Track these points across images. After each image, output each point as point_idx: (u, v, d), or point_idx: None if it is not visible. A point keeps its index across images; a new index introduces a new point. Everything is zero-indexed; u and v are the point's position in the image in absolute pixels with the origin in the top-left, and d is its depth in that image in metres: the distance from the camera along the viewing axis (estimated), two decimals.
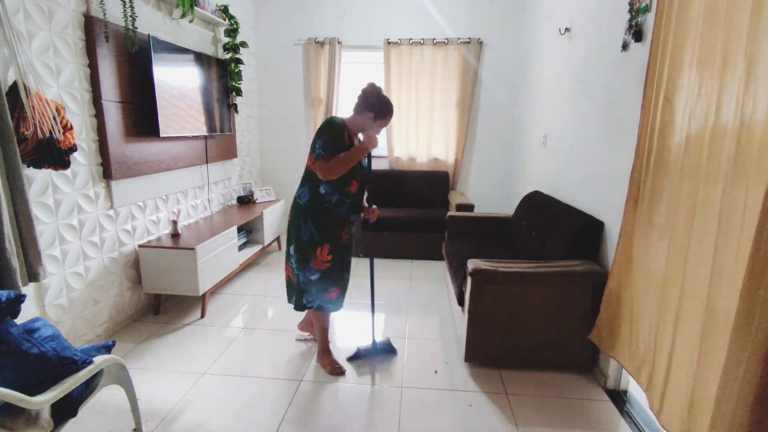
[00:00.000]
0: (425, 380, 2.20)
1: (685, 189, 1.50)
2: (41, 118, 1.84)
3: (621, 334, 1.94)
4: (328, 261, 2.09)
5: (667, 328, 1.57)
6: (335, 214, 2.07)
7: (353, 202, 2.12)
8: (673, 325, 1.54)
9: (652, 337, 1.69)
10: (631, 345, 1.86)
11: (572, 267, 2.16)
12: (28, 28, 1.97)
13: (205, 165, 3.54)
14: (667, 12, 1.64)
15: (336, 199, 2.05)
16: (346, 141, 2.03)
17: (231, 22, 3.72)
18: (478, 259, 2.26)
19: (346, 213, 2.10)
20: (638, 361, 1.80)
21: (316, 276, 2.11)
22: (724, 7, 1.32)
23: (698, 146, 1.43)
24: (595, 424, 1.89)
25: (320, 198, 2.05)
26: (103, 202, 2.46)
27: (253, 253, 3.63)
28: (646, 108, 1.76)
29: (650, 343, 1.71)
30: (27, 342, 1.37)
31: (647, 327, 1.74)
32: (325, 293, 2.17)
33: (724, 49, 1.31)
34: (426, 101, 4.49)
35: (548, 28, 3.47)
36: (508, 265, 2.21)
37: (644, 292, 1.77)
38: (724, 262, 1.28)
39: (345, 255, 2.18)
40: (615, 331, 1.98)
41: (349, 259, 2.24)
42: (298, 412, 1.94)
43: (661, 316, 1.62)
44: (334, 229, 2.09)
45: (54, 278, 2.17)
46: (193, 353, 2.40)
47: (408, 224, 4.05)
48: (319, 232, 2.06)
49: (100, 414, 1.88)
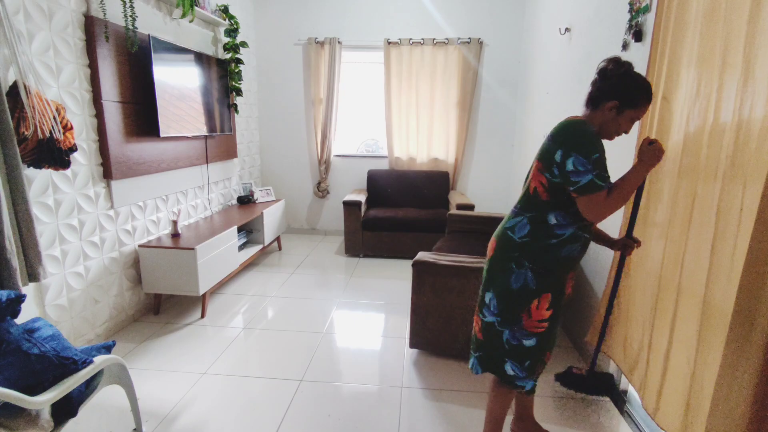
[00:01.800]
0: (425, 380, 2.21)
1: (683, 188, 1.51)
2: (41, 118, 1.85)
3: (616, 334, 1.94)
4: (546, 319, 1.45)
5: (664, 328, 1.58)
6: (563, 254, 1.41)
7: (590, 237, 1.48)
8: (670, 324, 1.54)
9: (647, 337, 1.69)
10: (625, 345, 1.86)
11: None
12: (28, 28, 1.97)
13: (205, 165, 3.55)
14: (666, 12, 1.65)
15: (569, 234, 1.39)
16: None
17: (231, 22, 3.72)
18: (425, 252, 2.37)
19: (578, 252, 1.44)
20: (632, 361, 1.80)
21: (531, 342, 1.46)
22: (723, 8, 1.33)
23: (696, 145, 1.44)
24: (595, 424, 1.89)
25: (546, 231, 1.40)
26: (103, 202, 2.47)
27: (253, 253, 3.63)
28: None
29: (644, 342, 1.71)
30: (27, 342, 1.37)
31: (642, 326, 1.75)
32: (540, 364, 1.52)
33: (723, 50, 1.32)
34: (426, 101, 4.49)
35: (548, 28, 3.47)
36: (451, 258, 2.28)
37: (641, 292, 1.77)
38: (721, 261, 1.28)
39: (561, 311, 1.51)
40: (610, 330, 1.98)
41: (560, 314, 1.52)
42: (298, 412, 1.94)
43: (658, 316, 1.63)
44: (561, 274, 1.44)
45: (54, 278, 2.17)
46: (193, 353, 2.41)
47: (408, 224, 4.05)
48: (538, 279, 1.42)
49: (100, 414, 1.88)
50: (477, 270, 2.20)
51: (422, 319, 2.34)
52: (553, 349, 1.56)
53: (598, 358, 2.08)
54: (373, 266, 3.94)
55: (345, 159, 4.82)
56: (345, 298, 3.20)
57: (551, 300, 1.43)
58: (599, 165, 1.29)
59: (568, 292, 1.50)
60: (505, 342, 1.48)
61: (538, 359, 1.49)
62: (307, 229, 4.99)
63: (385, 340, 2.61)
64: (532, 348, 1.46)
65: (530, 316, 1.43)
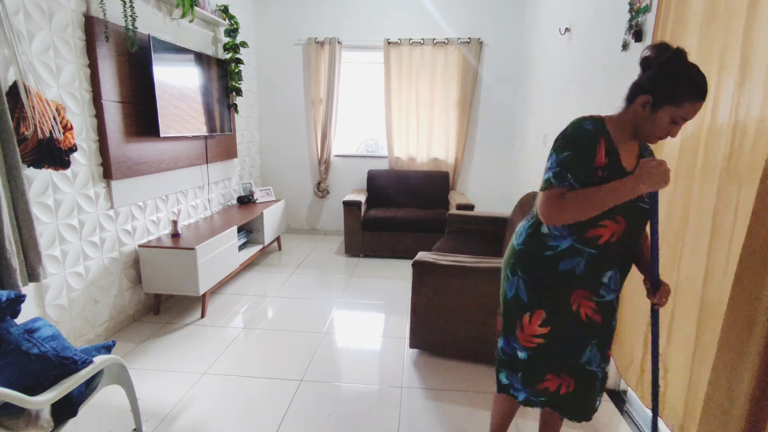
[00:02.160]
0: (425, 380, 2.21)
1: (681, 188, 1.51)
2: (41, 118, 1.85)
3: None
4: (539, 335, 1.32)
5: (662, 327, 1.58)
6: (561, 269, 1.25)
7: (603, 256, 1.23)
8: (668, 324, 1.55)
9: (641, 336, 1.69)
10: (622, 344, 1.86)
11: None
12: (28, 28, 1.97)
13: (205, 165, 3.55)
14: (664, 12, 1.65)
15: (566, 247, 1.24)
16: (602, 159, 1.15)
17: (231, 22, 3.72)
18: (426, 252, 2.37)
19: (585, 270, 1.24)
20: (627, 360, 1.80)
21: (523, 354, 1.36)
22: (722, 8, 1.33)
23: (694, 145, 1.44)
24: (595, 424, 1.89)
25: (540, 241, 1.29)
26: (103, 202, 2.47)
27: (253, 253, 3.63)
28: None
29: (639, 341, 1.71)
30: (27, 342, 1.37)
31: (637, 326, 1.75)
32: (538, 381, 1.37)
33: (722, 50, 1.32)
34: (426, 101, 4.49)
35: (548, 28, 3.47)
36: (449, 258, 2.28)
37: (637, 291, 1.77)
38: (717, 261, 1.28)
39: (575, 332, 1.30)
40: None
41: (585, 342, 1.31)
42: (298, 412, 1.94)
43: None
44: (558, 291, 1.28)
45: (54, 278, 2.17)
46: (193, 353, 2.41)
47: (408, 224, 4.05)
48: (529, 291, 1.31)
49: (100, 414, 1.88)
50: (477, 270, 2.20)
51: (422, 319, 2.34)
52: (564, 374, 1.34)
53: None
54: (373, 266, 3.94)
55: (345, 159, 4.82)
56: (345, 298, 3.20)
57: (545, 318, 1.29)
58: (564, 164, 1.14)
59: (573, 311, 1.27)
60: (500, 350, 1.43)
61: (535, 375, 1.36)
62: (307, 229, 4.99)
63: (385, 340, 2.61)
64: (525, 361, 1.35)
65: (522, 329, 1.33)
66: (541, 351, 1.33)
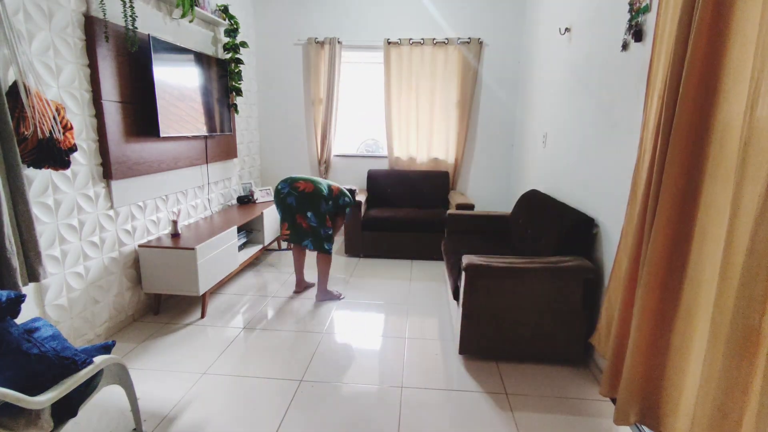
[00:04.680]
0: (425, 380, 2.21)
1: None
2: (41, 118, 1.84)
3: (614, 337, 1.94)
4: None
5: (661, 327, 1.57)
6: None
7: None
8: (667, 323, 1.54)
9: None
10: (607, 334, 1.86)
11: (563, 262, 2.21)
12: (28, 28, 1.97)
13: (205, 165, 3.54)
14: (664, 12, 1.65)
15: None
16: None
17: (231, 22, 3.72)
18: (472, 255, 2.31)
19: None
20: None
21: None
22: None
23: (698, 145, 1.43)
24: (596, 424, 1.89)
25: None
26: (103, 202, 2.47)
27: (253, 253, 3.63)
28: (647, 107, 1.76)
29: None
30: (27, 342, 1.37)
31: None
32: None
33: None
34: (426, 101, 4.49)
35: (548, 28, 3.47)
36: (501, 260, 2.25)
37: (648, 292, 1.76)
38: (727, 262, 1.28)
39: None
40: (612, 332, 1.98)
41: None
42: (298, 412, 1.94)
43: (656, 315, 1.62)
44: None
45: (54, 278, 2.17)
46: (193, 353, 2.40)
47: (408, 224, 4.05)
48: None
49: (100, 414, 1.88)
50: (530, 271, 2.19)
51: (475, 324, 2.29)
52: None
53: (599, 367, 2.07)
54: (373, 266, 3.94)
55: (345, 159, 4.82)
56: (345, 298, 3.20)
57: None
58: None
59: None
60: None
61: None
62: None
63: (385, 340, 2.61)
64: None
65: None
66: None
